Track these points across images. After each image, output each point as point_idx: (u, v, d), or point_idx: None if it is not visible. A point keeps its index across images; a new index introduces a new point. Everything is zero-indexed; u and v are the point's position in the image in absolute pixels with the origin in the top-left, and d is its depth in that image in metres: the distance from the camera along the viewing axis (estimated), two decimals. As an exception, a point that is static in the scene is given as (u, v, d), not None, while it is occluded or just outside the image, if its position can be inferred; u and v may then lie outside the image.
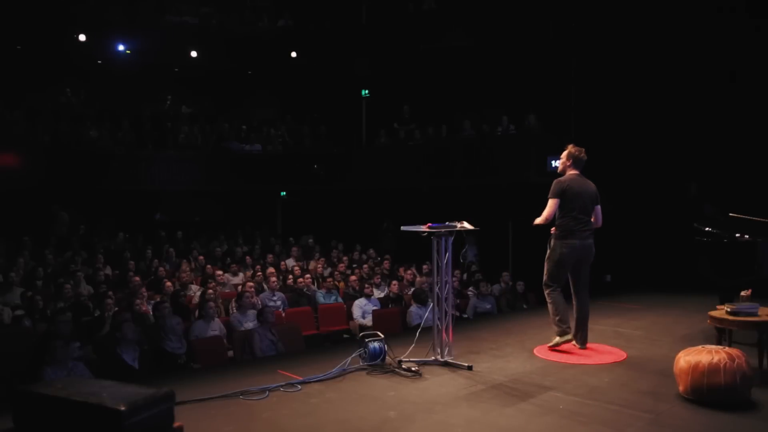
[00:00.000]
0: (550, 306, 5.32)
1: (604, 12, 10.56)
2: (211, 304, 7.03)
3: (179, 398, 3.55)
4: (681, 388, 3.96)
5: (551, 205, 5.21)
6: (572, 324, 5.36)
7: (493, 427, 3.63)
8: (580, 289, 5.41)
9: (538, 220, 5.28)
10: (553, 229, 5.35)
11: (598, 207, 5.42)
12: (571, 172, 5.39)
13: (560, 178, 5.35)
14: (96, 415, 2.86)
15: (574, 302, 5.41)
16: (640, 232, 9.91)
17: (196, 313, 7.47)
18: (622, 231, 10.07)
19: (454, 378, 4.59)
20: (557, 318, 5.26)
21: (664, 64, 9.97)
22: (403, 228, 5.07)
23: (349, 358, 4.86)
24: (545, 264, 5.38)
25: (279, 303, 8.40)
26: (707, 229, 6.03)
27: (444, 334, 4.96)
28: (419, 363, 4.86)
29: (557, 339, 5.30)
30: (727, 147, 9.31)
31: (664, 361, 4.77)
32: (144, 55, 14.54)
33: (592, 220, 5.37)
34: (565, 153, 5.45)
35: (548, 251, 5.36)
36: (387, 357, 4.92)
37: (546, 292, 5.37)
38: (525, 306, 9.03)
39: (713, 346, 4.00)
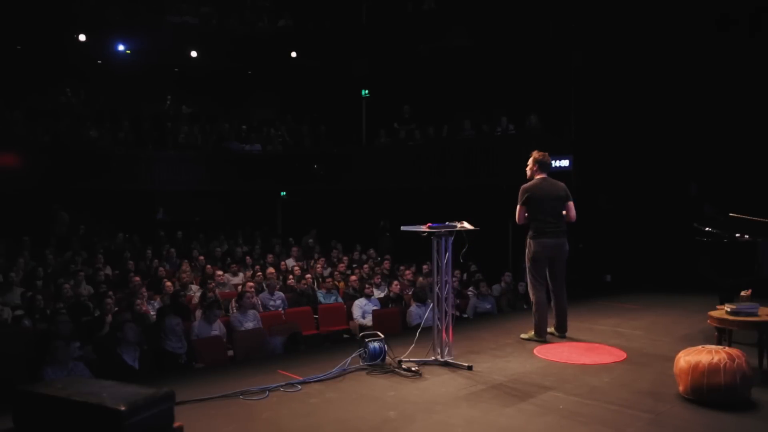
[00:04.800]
0: (534, 306, 5.73)
1: (604, 12, 10.56)
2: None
3: (179, 398, 3.55)
4: (681, 388, 3.96)
5: (518, 210, 5.69)
6: (551, 322, 5.82)
7: (493, 427, 3.63)
8: (556, 287, 5.78)
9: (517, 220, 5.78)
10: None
11: (570, 203, 5.73)
12: (539, 176, 5.75)
13: (525, 185, 5.75)
14: (96, 415, 2.86)
15: (552, 298, 5.80)
16: (640, 232, 9.91)
17: (197, 313, 7.48)
18: (622, 231, 10.11)
19: (454, 378, 4.59)
20: (536, 320, 5.71)
21: (664, 64, 9.98)
22: (403, 228, 5.08)
23: (349, 358, 4.85)
24: (526, 265, 5.78)
25: (279, 303, 8.41)
26: (707, 229, 6.02)
27: (444, 334, 4.96)
28: (419, 363, 4.85)
29: (532, 335, 5.73)
30: (727, 147, 9.31)
31: (664, 361, 4.77)
32: (144, 55, 14.54)
33: (565, 218, 5.72)
34: (531, 159, 5.81)
35: (526, 252, 5.77)
36: (387, 357, 4.92)
37: (531, 291, 5.76)
38: (525, 306, 9.01)
39: (713, 346, 4.00)
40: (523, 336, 5.79)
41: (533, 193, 5.63)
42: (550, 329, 5.87)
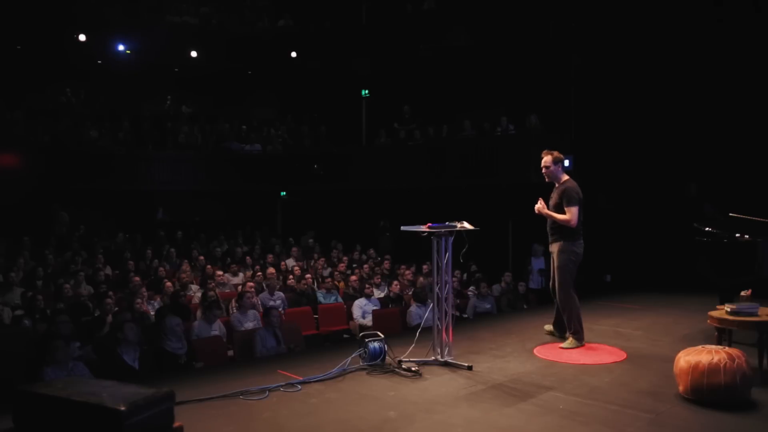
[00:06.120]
0: (574, 312, 5.40)
1: (604, 12, 10.57)
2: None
3: (179, 398, 3.55)
4: (681, 388, 3.97)
5: (576, 212, 5.26)
6: (550, 321, 5.73)
7: (493, 427, 3.63)
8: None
9: (565, 217, 5.28)
10: (554, 237, 5.44)
11: None
12: (564, 176, 5.50)
13: (572, 186, 5.39)
14: (96, 415, 2.86)
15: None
16: (640, 232, 9.91)
17: (197, 313, 7.47)
18: (622, 231, 10.11)
19: (454, 378, 4.59)
20: (579, 324, 5.42)
21: (664, 64, 9.98)
22: (403, 228, 5.08)
23: (349, 358, 4.86)
24: (561, 270, 5.40)
25: (279, 303, 8.41)
26: (707, 229, 6.02)
27: (444, 334, 4.96)
28: (419, 363, 4.86)
29: (574, 342, 5.39)
30: (727, 147, 9.31)
31: (664, 361, 4.77)
32: (144, 55, 14.54)
33: None
34: (550, 158, 5.48)
35: (562, 257, 5.39)
36: (387, 357, 4.92)
37: (569, 295, 5.41)
38: (525, 306, 9.03)
39: (713, 346, 4.00)
40: (566, 345, 5.41)
41: (580, 195, 5.35)
42: (549, 327, 5.86)
